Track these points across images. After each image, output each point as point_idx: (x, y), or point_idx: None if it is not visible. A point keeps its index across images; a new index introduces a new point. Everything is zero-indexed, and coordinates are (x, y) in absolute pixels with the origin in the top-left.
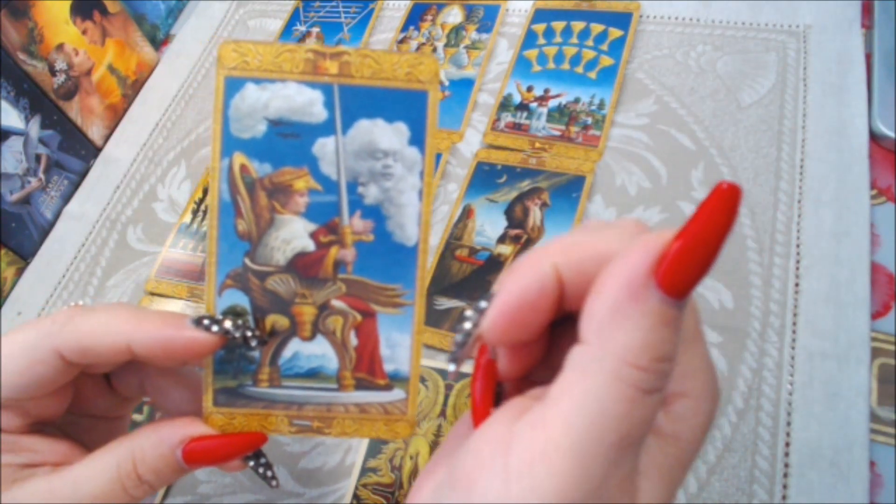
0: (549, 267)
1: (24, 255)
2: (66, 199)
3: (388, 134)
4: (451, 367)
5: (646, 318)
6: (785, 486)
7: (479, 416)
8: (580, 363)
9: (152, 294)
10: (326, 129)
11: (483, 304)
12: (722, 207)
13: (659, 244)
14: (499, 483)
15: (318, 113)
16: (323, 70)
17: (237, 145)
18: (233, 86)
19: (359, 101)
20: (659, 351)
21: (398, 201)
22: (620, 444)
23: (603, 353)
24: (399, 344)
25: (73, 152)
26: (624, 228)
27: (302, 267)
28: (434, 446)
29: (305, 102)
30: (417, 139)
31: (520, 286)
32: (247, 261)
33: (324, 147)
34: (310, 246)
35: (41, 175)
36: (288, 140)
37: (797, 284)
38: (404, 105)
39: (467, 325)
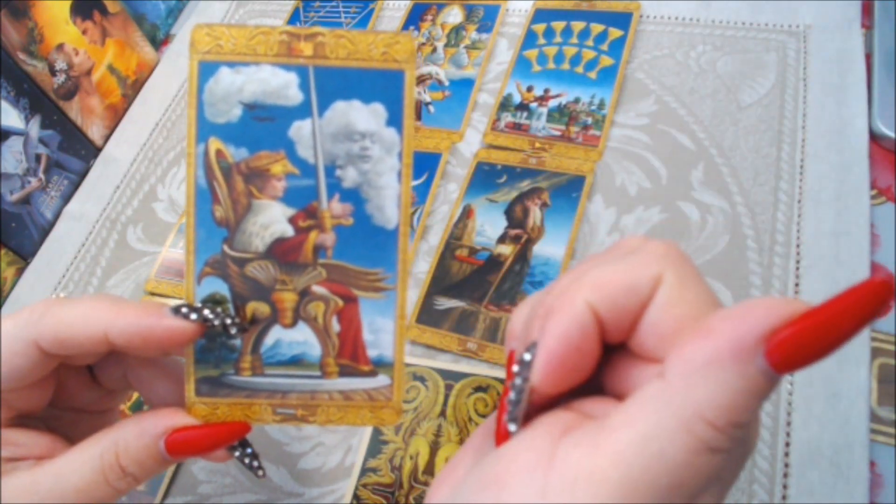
0: (584, 306)
1: (24, 255)
2: (66, 199)
3: (364, 115)
4: (513, 428)
5: (740, 381)
6: (785, 486)
7: (503, 437)
8: (653, 398)
9: (152, 294)
10: (302, 111)
11: (527, 356)
12: (868, 301)
13: (783, 312)
14: (534, 494)
15: (294, 95)
16: (297, 52)
17: (212, 130)
18: (207, 70)
19: (334, 83)
20: (739, 416)
21: (377, 184)
22: (671, 491)
23: (682, 398)
24: (382, 329)
25: (73, 152)
26: (652, 254)
27: (281, 253)
28: (434, 446)
29: (280, 85)
30: (395, 120)
31: (560, 332)
32: (225, 247)
33: (300, 130)
34: (288, 231)
35: (41, 175)
36: (264, 124)
37: (797, 284)
38: (381, 85)
39: (518, 381)
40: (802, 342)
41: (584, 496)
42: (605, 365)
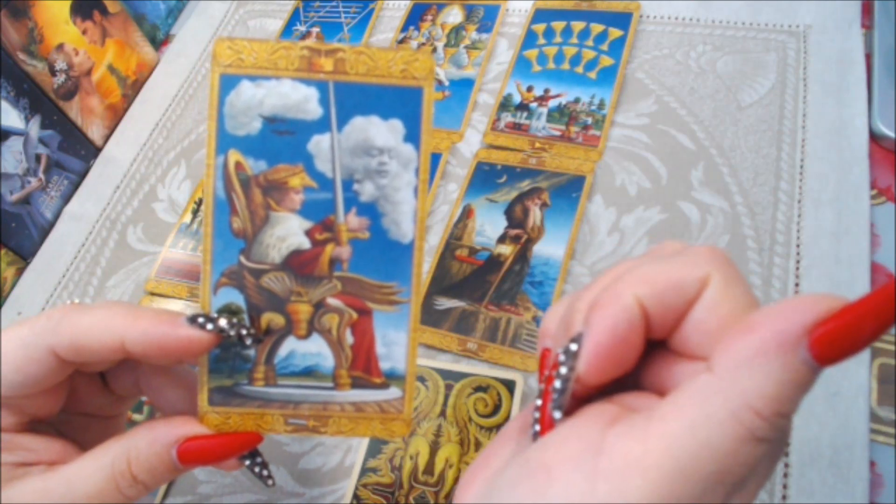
0: (632, 300)
1: (24, 255)
2: (66, 199)
3: (383, 131)
4: (558, 415)
5: (785, 372)
6: (785, 486)
7: (548, 426)
8: (702, 390)
9: (152, 294)
10: (321, 126)
11: (573, 346)
12: None
13: (824, 306)
14: (583, 480)
15: (314, 110)
16: (318, 67)
17: (232, 142)
18: (228, 83)
19: (354, 98)
20: (784, 407)
21: (393, 198)
22: (719, 477)
23: (731, 389)
24: (395, 342)
25: (73, 152)
26: (699, 255)
27: (297, 265)
28: (434, 446)
29: (300, 99)
30: (412, 136)
31: (608, 324)
32: (242, 258)
33: (319, 144)
34: (305, 243)
35: (41, 175)
36: (283, 137)
37: (797, 284)
38: (399, 102)
39: (564, 370)
40: (843, 334)
41: (634, 482)
42: (644, 362)
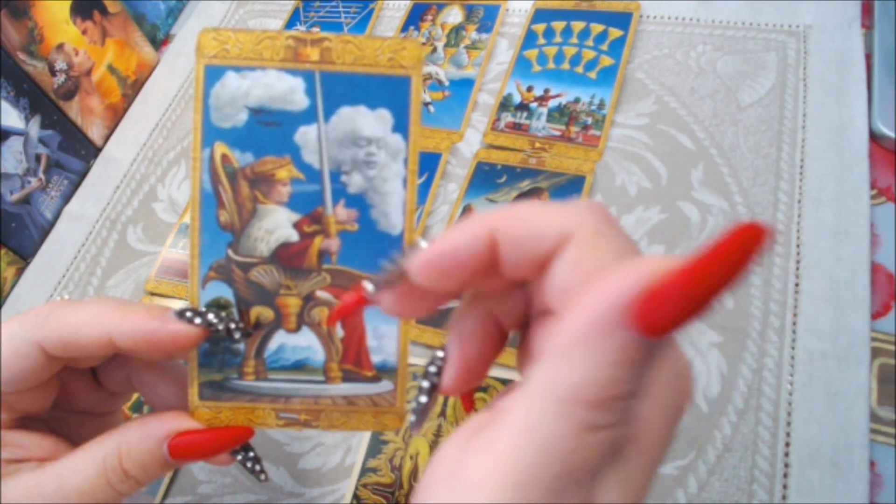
0: (484, 232)
1: (24, 255)
2: (66, 199)
3: (370, 121)
4: (370, 287)
5: (608, 355)
6: (785, 486)
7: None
8: (534, 386)
9: (152, 294)
10: (308, 116)
11: (423, 245)
12: (739, 249)
13: (649, 273)
14: (450, 501)
15: (300, 100)
16: (304, 57)
17: (218, 135)
18: (213, 74)
19: (341, 88)
20: (615, 389)
21: (382, 189)
22: (566, 476)
23: (557, 383)
24: (386, 335)
25: (73, 152)
26: (571, 208)
27: (286, 257)
28: (434, 446)
29: (286, 90)
30: (401, 126)
31: (451, 240)
32: (230, 252)
33: (306, 135)
34: (293, 236)
35: (41, 175)
36: (269, 128)
37: (797, 284)
38: (387, 91)
39: (398, 260)
40: (670, 304)
41: (489, 497)
42: (538, 332)
